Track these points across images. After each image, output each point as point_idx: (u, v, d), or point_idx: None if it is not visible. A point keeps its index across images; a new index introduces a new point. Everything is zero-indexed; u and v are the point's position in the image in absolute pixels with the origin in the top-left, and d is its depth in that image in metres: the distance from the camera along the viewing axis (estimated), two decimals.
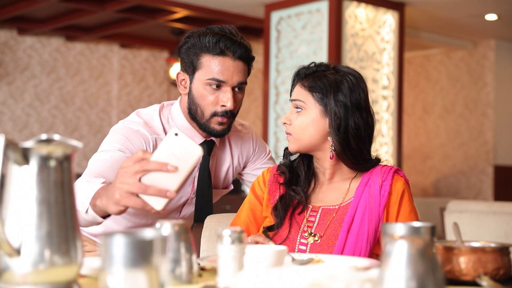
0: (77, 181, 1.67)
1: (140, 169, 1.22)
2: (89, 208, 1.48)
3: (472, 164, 7.37)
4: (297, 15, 5.65)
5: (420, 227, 1.04)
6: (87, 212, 1.49)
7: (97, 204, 1.42)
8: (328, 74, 1.69)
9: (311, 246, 1.62)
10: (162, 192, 1.21)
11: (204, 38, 1.85)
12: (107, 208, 1.35)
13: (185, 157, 1.21)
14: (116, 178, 1.28)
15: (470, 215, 3.73)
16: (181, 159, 1.20)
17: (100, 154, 1.82)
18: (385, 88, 5.70)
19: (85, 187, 1.54)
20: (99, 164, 1.78)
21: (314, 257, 1.41)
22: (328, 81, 1.67)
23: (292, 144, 1.69)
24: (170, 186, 1.21)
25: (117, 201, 1.27)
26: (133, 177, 1.23)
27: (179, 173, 1.20)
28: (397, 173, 1.69)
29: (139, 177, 1.23)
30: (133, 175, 1.23)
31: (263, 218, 1.72)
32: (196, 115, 1.91)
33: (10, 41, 7.12)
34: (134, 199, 1.24)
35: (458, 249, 1.20)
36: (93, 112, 7.67)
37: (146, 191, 1.22)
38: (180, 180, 1.21)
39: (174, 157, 1.20)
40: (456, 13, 6.11)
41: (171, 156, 1.20)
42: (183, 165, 1.21)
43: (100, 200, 1.40)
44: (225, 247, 1.05)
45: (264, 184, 1.75)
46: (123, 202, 1.26)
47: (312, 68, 1.72)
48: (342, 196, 1.70)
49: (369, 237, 1.59)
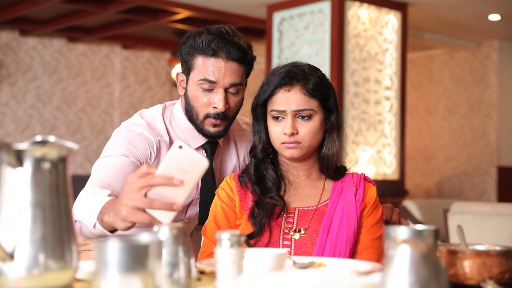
0: (82, 192, 1.66)
1: (145, 184, 1.22)
2: (96, 223, 1.48)
3: (475, 165, 7.34)
4: (299, 15, 5.63)
5: (423, 230, 1.01)
6: (95, 227, 1.49)
7: (105, 220, 1.42)
8: (315, 73, 1.69)
9: (296, 243, 1.61)
10: (168, 205, 1.20)
11: (199, 39, 1.83)
12: (114, 224, 1.34)
13: (191, 169, 1.20)
14: (121, 194, 1.28)
15: (474, 216, 3.70)
16: (186, 172, 1.20)
17: (103, 160, 1.80)
18: (388, 89, 5.67)
19: (91, 201, 1.52)
20: (104, 171, 1.75)
21: (316, 260, 1.38)
22: (323, 82, 1.67)
23: (299, 152, 1.66)
24: (177, 199, 1.20)
25: (124, 217, 1.26)
26: (138, 193, 1.22)
27: (185, 186, 1.20)
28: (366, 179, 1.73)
29: (145, 192, 1.22)
30: (139, 191, 1.22)
31: (236, 226, 1.68)
32: (192, 116, 1.90)
33: (12, 42, 7.11)
34: (141, 215, 1.23)
35: (462, 253, 1.18)
36: (95, 114, 7.66)
37: (152, 206, 1.21)
38: (187, 193, 1.20)
39: (179, 170, 1.19)
40: (459, 14, 6.09)
41: (177, 169, 1.19)
42: (189, 178, 1.20)
43: (107, 216, 1.39)
44: (224, 251, 1.03)
45: (232, 191, 1.71)
46: (130, 218, 1.25)
47: (302, 72, 1.69)
48: (318, 195, 1.70)
49: (348, 239, 1.61)
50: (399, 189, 5.70)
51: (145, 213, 1.23)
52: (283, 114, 1.65)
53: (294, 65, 1.70)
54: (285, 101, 1.65)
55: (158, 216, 1.21)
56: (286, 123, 1.64)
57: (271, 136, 1.69)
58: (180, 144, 1.20)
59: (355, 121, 5.45)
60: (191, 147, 1.22)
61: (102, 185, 1.68)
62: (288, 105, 1.64)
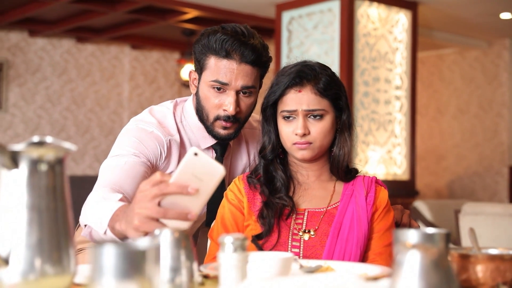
0: (91, 195, 1.60)
1: (159, 192, 1.16)
2: (107, 230, 1.42)
3: (487, 165, 7.27)
4: (309, 15, 5.58)
5: (434, 234, 0.97)
6: (105, 234, 1.43)
7: (116, 227, 1.36)
8: (325, 72, 1.65)
9: (305, 244, 1.58)
10: (183, 215, 1.15)
11: (213, 38, 1.77)
12: (126, 233, 1.28)
13: (206, 177, 1.14)
14: (134, 203, 1.22)
15: (486, 217, 3.65)
16: (202, 180, 1.14)
17: (113, 160, 1.74)
18: (398, 88, 5.62)
19: (102, 205, 1.47)
20: (114, 172, 1.69)
21: (323, 264, 1.35)
22: (333, 81, 1.64)
23: (311, 152, 1.62)
24: (192, 208, 1.15)
25: (137, 227, 1.20)
26: (152, 201, 1.16)
27: (200, 195, 1.14)
28: (377, 182, 1.69)
29: (158, 201, 1.16)
30: (152, 199, 1.16)
31: (244, 227, 1.65)
32: (202, 117, 1.85)
33: (21, 43, 7.11)
34: (154, 224, 1.17)
35: (475, 257, 1.14)
36: (105, 114, 7.65)
37: (166, 215, 1.15)
38: (202, 202, 1.15)
39: (194, 178, 1.14)
40: (470, 12, 6.02)
41: (191, 177, 1.14)
42: (204, 186, 1.14)
43: (119, 224, 1.34)
44: (227, 255, 1.00)
45: (241, 192, 1.67)
46: (142, 228, 1.19)
47: (312, 71, 1.65)
48: (328, 197, 1.66)
49: (358, 242, 1.57)
50: (410, 189, 5.64)
51: (158, 223, 1.17)
52: (294, 114, 1.62)
53: (304, 64, 1.66)
54: (296, 101, 1.61)
55: (172, 226, 1.16)
56: (298, 123, 1.61)
57: (282, 136, 1.66)
58: (195, 151, 1.14)
59: (365, 121, 5.40)
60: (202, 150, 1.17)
61: (112, 186, 1.62)
62: (299, 104, 1.61)
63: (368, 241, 1.61)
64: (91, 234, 1.52)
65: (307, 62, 1.67)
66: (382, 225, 1.63)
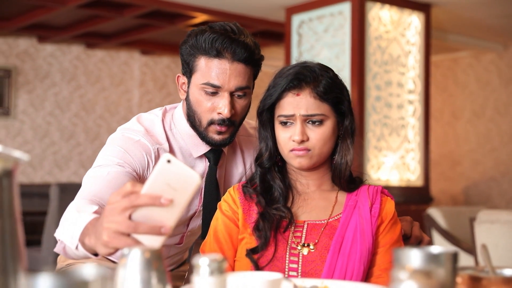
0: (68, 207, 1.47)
1: (129, 205, 1.04)
2: (78, 245, 1.31)
3: (503, 170, 7.10)
4: (319, 18, 5.47)
5: (439, 254, 0.85)
6: (77, 249, 1.32)
7: (86, 242, 1.24)
8: (326, 74, 1.52)
9: (304, 259, 1.45)
10: (155, 229, 1.03)
11: (201, 38, 1.66)
12: (96, 249, 1.17)
13: (181, 187, 1.02)
14: (103, 216, 1.10)
15: (502, 226, 3.50)
16: (176, 189, 1.02)
17: (95, 170, 1.62)
18: (411, 92, 5.48)
19: (74, 219, 1.35)
20: (95, 182, 1.57)
21: (320, 284, 1.22)
22: (335, 83, 1.52)
23: (309, 160, 1.51)
24: (166, 221, 1.03)
25: (106, 243, 1.09)
26: (121, 215, 1.05)
27: (175, 207, 1.03)
28: (383, 192, 1.57)
29: (129, 214, 1.05)
30: (122, 212, 1.05)
31: (239, 241, 1.52)
32: (195, 123, 1.73)
33: (30, 49, 7.06)
34: (124, 240, 1.06)
35: (488, 280, 1.00)
36: (114, 120, 7.58)
37: (137, 230, 1.04)
38: (177, 214, 1.03)
39: (168, 188, 1.02)
40: (485, 14, 5.87)
41: (165, 186, 1.02)
42: (179, 196, 1.02)
43: (88, 239, 1.22)
44: (202, 279, 0.88)
45: (235, 203, 1.55)
46: (112, 244, 1.08)
47: (312, 73, 1.52)
48: (329, 208, 1.54)
49: (362, 258, 1.44)
50: (424, 196, 5.49)
51: (129, 238, 1.06)
52: (292, 119, 1.50)
53: (303, 65, 1.54)
54: (294, 106, 1.49)
55: (144, 241, 1.04)
56: (295, 129, 1.49)
57: (279, 143, 1.54)
58: (168, 158, 1.02)
59: (377, 126, 5.26)
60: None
61: (91, 198, 1.50)
62: (297, 109, 1.49)
63: (372, 256, 1.48)
64: (65, 249, 1.40)
65: (307, 63, 1.55)
66: (388, 238, 1.50)
